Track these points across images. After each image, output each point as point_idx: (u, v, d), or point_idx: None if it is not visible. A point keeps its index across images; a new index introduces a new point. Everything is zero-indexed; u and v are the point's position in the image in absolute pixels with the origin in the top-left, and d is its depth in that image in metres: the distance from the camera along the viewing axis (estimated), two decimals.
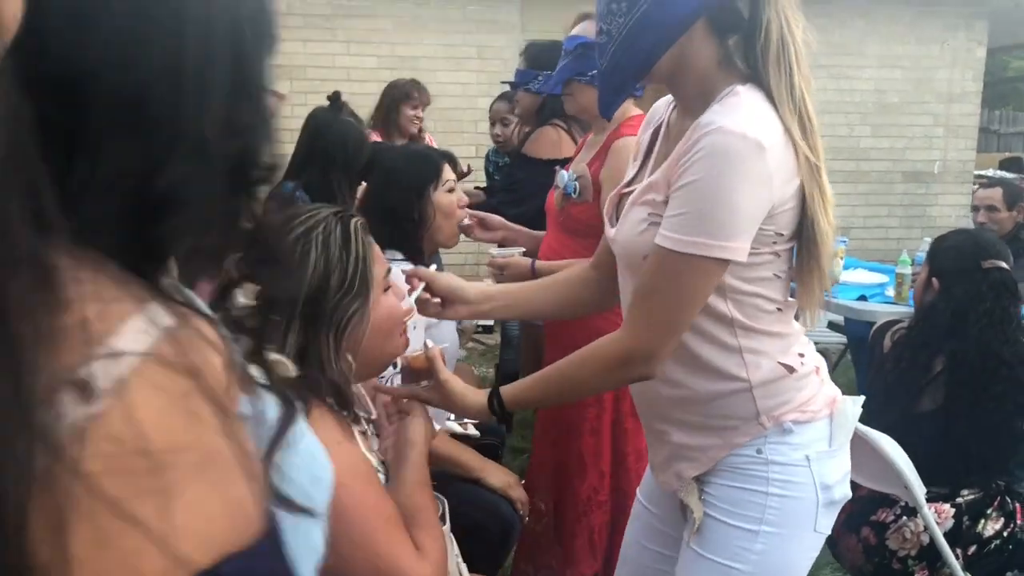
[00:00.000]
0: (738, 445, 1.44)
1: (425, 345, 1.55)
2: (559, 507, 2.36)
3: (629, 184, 1.53)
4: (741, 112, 1.29)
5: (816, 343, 5.22)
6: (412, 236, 2.26)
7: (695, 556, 1.47)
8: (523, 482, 2.48)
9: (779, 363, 1.42)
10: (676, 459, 1.51)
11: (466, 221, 2.54)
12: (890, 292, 3.96)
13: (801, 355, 1.46)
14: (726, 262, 1.30)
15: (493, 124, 4.28)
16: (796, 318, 1.48)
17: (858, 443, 2.08)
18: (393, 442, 1.47)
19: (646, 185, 1.42)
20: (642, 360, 1.36)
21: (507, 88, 4.17)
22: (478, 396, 1.50)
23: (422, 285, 1.63)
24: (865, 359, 3.06)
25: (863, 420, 2.08)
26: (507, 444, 4.03)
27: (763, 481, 1.42)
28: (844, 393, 1.55)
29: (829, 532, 1.48)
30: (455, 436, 2.61)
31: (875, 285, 4.15)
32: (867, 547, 2.22)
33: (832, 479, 1.45)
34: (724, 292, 1.38)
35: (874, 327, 2.52)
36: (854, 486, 2.22)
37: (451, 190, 2.34)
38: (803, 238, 1.37)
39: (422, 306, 1.63)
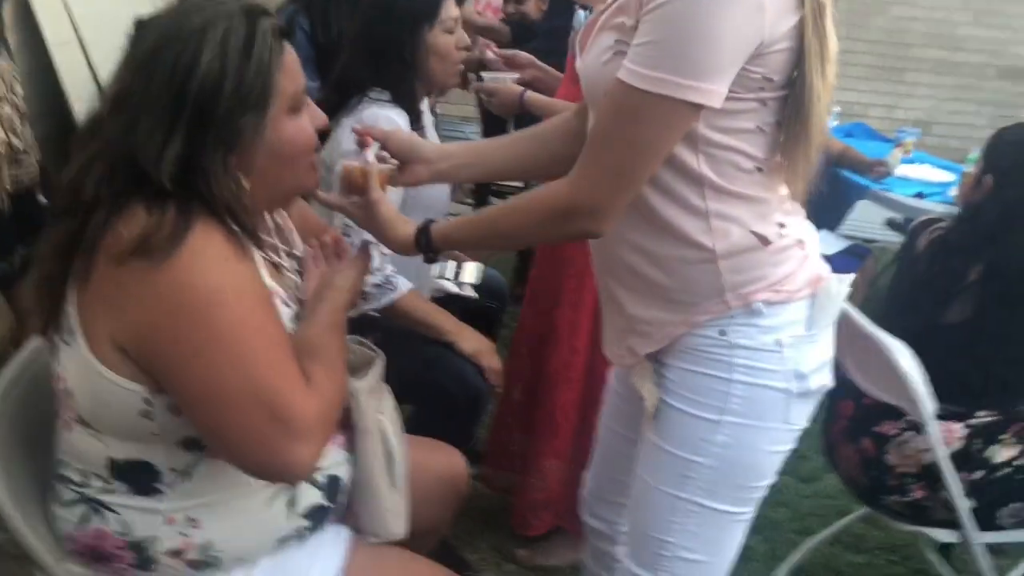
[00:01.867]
0: (698, 324, 1.27)
1: (365, 159, 1.39)
2: (533, 378, 2.24)
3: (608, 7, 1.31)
4: None
5: (871, 241, 4.96)
6: (401, 79, 2.05)
7: (654, 447, 1.34)
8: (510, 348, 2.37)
9: (751, 232, 1.23)
10: (629, 332, 1.35)
11: (490, 55, 2.32)
12: (953, 192, 3.64)
13: (781, 225, 1.26)
14: (697, 107, 1.10)
15: (506, 1, 3.88)
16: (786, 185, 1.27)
17: (869, 348, 1.89)
18: (316, 284, 1.35)
19: (617, 6, 1.20)
20: (586, 214, 1.19)
21: None
22: (406, 227, 1.35)
23: (375, 145, 1.44)
24: None
25: (883, 325, 1.89)
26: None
27: (726, 367, 1.26)
28: None
29: (805, 424, 1.33)
30: (449, 296, 2.50)
31: (938, 183, 3.81)
32: (865, 459, 2.06)
33: (808, 367, 1.28)
34: (696, 143, 1.18)
35: (913, 223, 2.27)
36: (859, 394, 2.06)
37: (450, 30, 2.10)
38: (792, 94, 1.16)
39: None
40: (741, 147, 1.20)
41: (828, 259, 1.35)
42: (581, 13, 2.09)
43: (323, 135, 1.55)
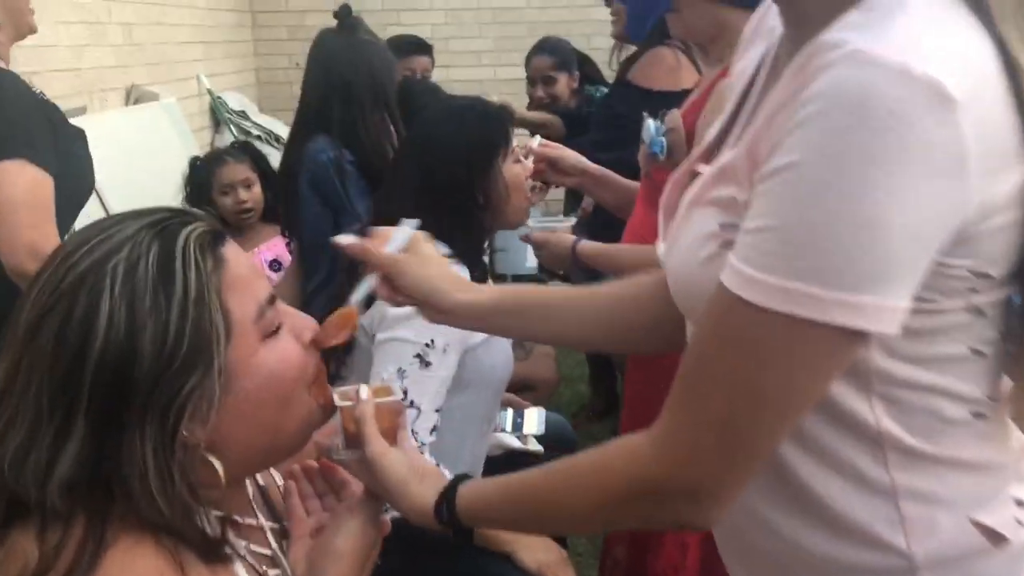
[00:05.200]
0: None
1: (357, 393, 0.98)
2: None
3: (709, 155, 0.91)
4: (904, 25, 0.67)
5: None
6: (470, 227, 1.68)
7: None
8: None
9: (972, 522, 0.77)
10: None
11: (528, 162, 1.94)
12: None
13: (1021, 504, 0.80)
14: (859, 334, 0.68)
15: (533, 83, 3.46)
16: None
17: None
18: (308, 551, 0.95)
19: (719, 168, 0.81)
20: (684, 497, 0.77)
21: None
22: (422, 492, 0.94)
23: (372, 278, 1.07)
24: None
25: None
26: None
27: None
28: None
29: None
30: (510, 453, 2.11)
31: None
32: None
33: None
34: (868, 382, 0.76)
35: None
36: None
37: (518, 159, 1.76)
38: None
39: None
40: (946, 385, 0.77)
41: None
42: (651, 124, 1.70)
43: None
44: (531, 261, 5.05)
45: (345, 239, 1.09)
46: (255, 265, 0.90)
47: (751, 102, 0.86)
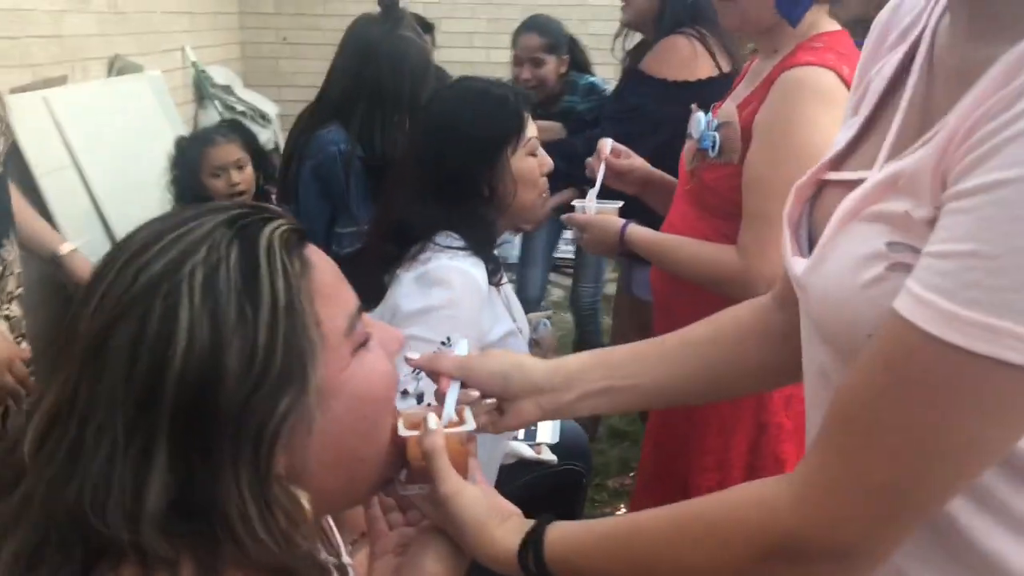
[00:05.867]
0: None
1: (425, 421, 0.85)
2: None
3: (838, 162, 0.80)
4: None
5: None
6: (479, 219, 1.59)
7: None
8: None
9: None
10: None
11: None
12: None
13: None
14: None
15: (519, 64, 3.21)
16: None
17: None
18: (393, 571, 0.86)
19: (890, 179, 0.68)
20: (829, 559, 0.66)
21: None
22: (505, 535, 0.82)
23: (455, 386, 0.93)
24: None
25: None
26: (605, 426, 3.39)
27: None
28: None
29: None
30: (522, 462, 2.04)
31: None
32: None
33: None
34: None
35: None
36: None
37: (533, 151, 1.63)
38: None
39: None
40: None
41: None
42: (701, 117, 1.56)
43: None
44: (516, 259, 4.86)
45: (418, 359, 0.98)
46: (338, 270, 0.78)
47: (907, 101, 0.74)
